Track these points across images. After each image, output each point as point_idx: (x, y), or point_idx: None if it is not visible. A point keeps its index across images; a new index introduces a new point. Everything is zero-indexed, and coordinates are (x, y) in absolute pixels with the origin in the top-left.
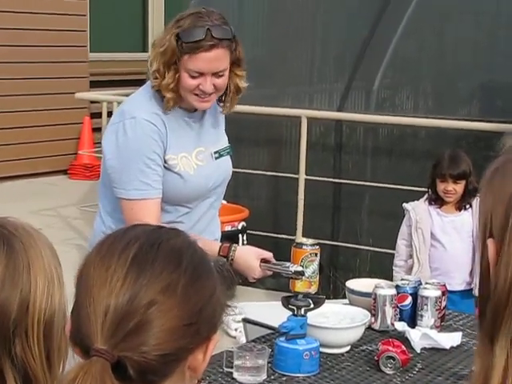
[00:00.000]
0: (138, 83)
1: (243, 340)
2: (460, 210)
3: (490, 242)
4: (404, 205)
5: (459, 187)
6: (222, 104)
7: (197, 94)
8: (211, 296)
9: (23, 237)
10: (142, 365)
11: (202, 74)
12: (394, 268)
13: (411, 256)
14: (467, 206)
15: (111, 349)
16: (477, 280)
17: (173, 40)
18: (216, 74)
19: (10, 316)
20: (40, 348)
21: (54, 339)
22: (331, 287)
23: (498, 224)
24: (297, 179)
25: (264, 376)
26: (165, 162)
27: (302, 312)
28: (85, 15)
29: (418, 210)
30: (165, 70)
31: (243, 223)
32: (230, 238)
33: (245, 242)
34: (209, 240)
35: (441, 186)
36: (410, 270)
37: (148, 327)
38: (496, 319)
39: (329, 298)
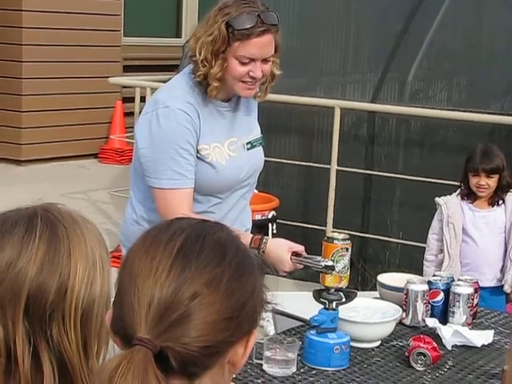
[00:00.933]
0: (171, 69)
1: (270, 329)
2: (492, 206)
3: None
4: (436, 199)
5: (492, 182)
6: (257, 92)
7: (244, 82)
8: (253, 291)
9: (67, 222)
10: (183, 356)
11: (251, 61)
12: (424, 262)
13: (442, 251)
14: (500, 202)
15: (154, 339)
16: (507, 276)
17: (223, 28)
18: (264, 60)
19: (47, 298)
20: (77, 334)
21: (92, 326)
22: (360, 279)
23: None
24: (328, 170)
25: (294, 369)
26: (197, 151)
27: (334, 306)
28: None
29: (449, 204)
30: (212, 59)
31: (273, 212)
32: (259, 226)
33: (274, 232)
34: (240, 231)
35: (473, 181)
36: (440, 265)
37: (191, 319)
38: None
39: (356, 290)
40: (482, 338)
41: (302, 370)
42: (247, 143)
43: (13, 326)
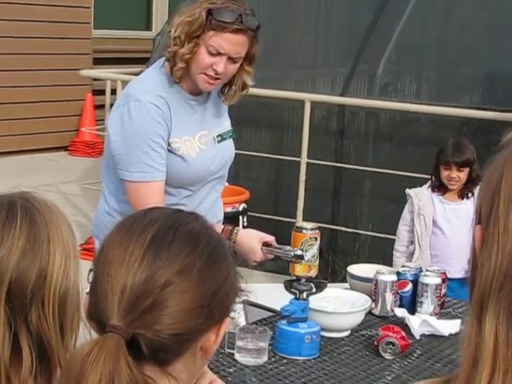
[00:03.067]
0: (142, 61)
1: (241, 321)
2: (462, 198)
3: (477, 229)
4: (407, 191)
5: (463, 175)
6: (222, 96)
7: (206, 74)
8: (225, 279)
9: (44, 211)
10: (155, 343)
11: (219, 54)
12: (394, 253)
13: (412, 242)
14: (469, 195)
15: (126, 326)
16: None
17: (203, 14)
18: (231, 59)
19: (28, 284)
20: (55, 318)
21: (67, 311)
22: (329, 271)
23: (485, 211)
24: (298, 162)
25: (265, 358)
26: (168, 144)
27: (304, 296)
28: None
29: (420, 196)
30: (185, 40)
31: (244, 205)
32: (230, 219)
33: (245, 224)
34: (211, 222)
35: (445, 173)
36: (410, 256)
37: (162, 307)
38: (482, 302)
39: (327, 281)
40: (449, 327)
41: (273, 359)
42: (217, 136)
43: None
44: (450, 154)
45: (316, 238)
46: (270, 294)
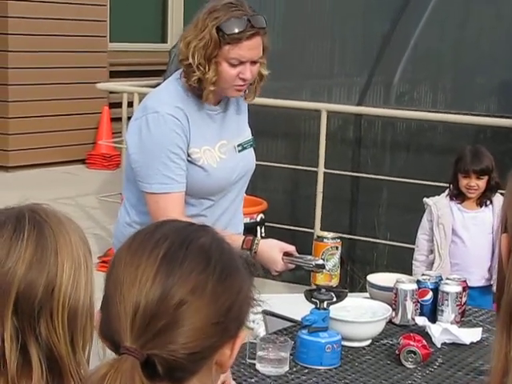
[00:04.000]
0: (158, 74)
1: (261, 332)
2: (481, 206)
3: (504, 237)
4: (425, 200)
5: (482, 183)
6: (246, 92)
7: (235, 84)
8: (238, 293)
9: (53, 223)
10: (170, 362)
11: (241, 63)
12: (413, 262)
13: (432, 251)
14: (488, 203)
15: (140, 347)
16: (496, 276)
17: (214, 32)
18: (253, 62)
19: (35, 297)
20: (64, 330)
21: (78, 323)
22: (348, 280)
23: (511, 220)
24: (315, 172)
25: (286, 368)
26: (188, 155)
27: (325, 305)
28: (105, 5)
29: (439, 205)
30: (206, 63)
31: (262, 215)
32: (248, 230)
33: (263, 235)
34: (232, 233)
35: (464, 182)
36: (430, 265)
37: (177, 326)
38: (511, 313)
39: None
40: (470, 335)
41: (294, 369)
42: (238, 145)
43: (1, 323)
44: (468, 162)
45: (337, 248)
46: (289, 304)
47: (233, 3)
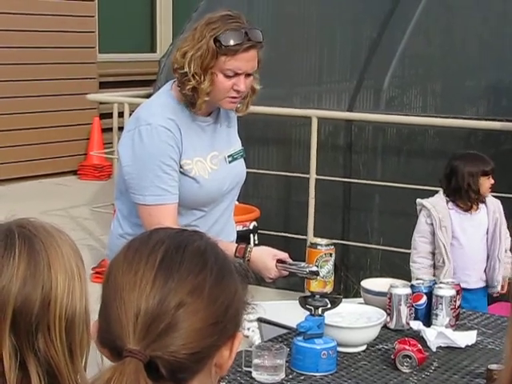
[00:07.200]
0: (147, 84)
1: (256, 339)
2: (477, 208)
3: None
4: (420, 201)
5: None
6: (239, 105)
7: (228, 96)
8: (235, 294)
9: (43, 236)
10: (172, 364)
11: (236, 74)
12: (412, 265)
13: (432, 254)
14: (479, 204)
15: (143, 349)
16: (499, 277)
17: (211, 43)
18: (247, 75)
19: (32, 312)
20: (62, 342)
21: (75, 333)
22: (342, 286)
23: None
24: (307, 179)
25: (282, 375)
26: (180, 167)
27: (320, 312)
28: (93, 16)
29: (438, 208)
30: (202, 73)
31: (254, 223)
32: (241, 238)
33: (256, 242)
34: (224, 241)
35: (487, 183)
36: (431, 268)
37: (178, 328)
38: None
39: None
40: (465, 338)
41: (290, 376)
42: (228, 156)
43: None
44: (484, 163)
45: (331, 254)
46: (284, 311)
47: (231, 15)
